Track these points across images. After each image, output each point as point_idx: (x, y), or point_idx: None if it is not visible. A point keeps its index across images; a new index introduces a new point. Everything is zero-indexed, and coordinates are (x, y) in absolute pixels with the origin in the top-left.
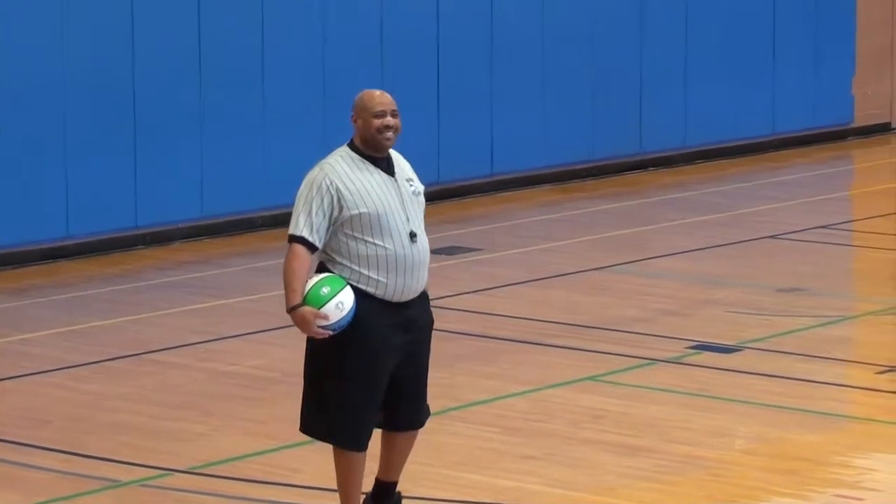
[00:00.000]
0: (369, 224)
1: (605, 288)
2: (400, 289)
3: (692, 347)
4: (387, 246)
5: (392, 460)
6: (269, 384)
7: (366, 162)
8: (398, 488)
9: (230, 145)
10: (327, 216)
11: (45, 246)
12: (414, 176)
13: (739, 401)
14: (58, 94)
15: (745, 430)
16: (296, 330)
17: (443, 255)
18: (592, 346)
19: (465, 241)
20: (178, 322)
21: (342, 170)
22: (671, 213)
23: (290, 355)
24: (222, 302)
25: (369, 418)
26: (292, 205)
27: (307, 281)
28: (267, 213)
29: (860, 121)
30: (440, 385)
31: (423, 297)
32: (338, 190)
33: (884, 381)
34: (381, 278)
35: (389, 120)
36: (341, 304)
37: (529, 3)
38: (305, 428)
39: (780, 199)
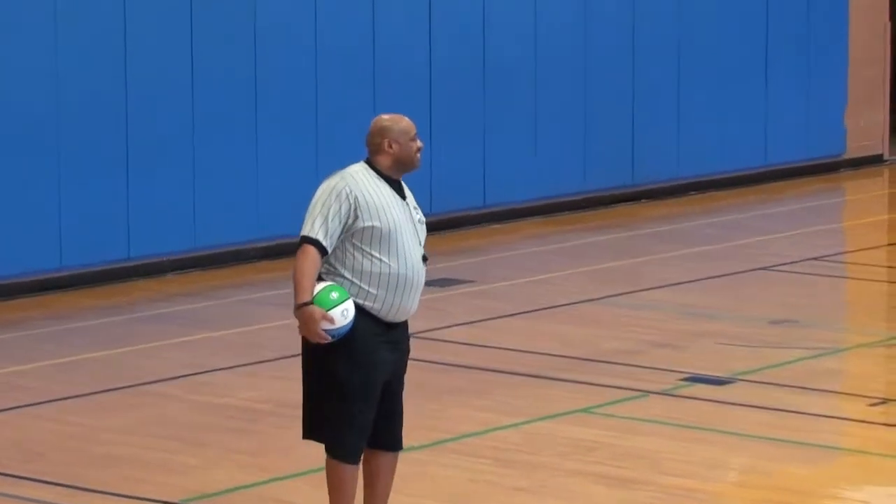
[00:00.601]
0: (379, 239)
1: (598, 320)
2: (395, 308)
3: (684, 379)
4: (391, 264)
5: (375, 489)
6: (262, 416)
7: (383, 181)
8: None
9: (222, 177)
10: (342, 223)
11: (37, 277)
12: (418, 206)
13: (732, 433)
14: (51, 126)
15: (738, 462)
16: (288, 362)
17: (435, 287)
18: (585, 378)
19: (457, 273)
20: (170, 354)
21: (362, 181)
22: (663, 244)
23: (283, 387)
24: (214, 334)
25: (364, 430)
26: (284, 236)
27: (315, 285)
28: (259, 245)
29: (852, 152)
30: (433, 417)
31: (405, 323)
32: (356, 199)
33: (877, 414)
34: (379, 294)
35: (420, 142)
36: (346, 311)
37: (522, 34)
38: (306, 434)
39: (772, 231)
